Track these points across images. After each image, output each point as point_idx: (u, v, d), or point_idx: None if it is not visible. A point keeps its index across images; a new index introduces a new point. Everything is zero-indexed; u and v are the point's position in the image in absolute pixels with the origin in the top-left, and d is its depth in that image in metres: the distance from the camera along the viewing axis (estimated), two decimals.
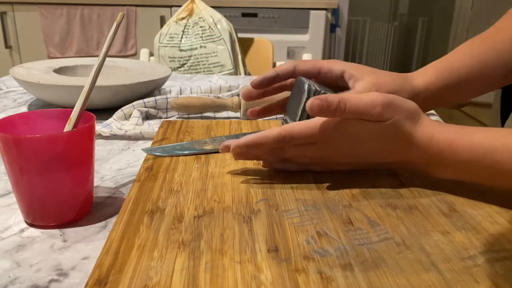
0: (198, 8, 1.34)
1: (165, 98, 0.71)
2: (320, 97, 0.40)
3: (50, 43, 2.43)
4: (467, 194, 0.43)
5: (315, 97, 0.41)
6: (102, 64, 0.42)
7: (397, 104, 0.41)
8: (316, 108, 0.40)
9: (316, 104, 0.40)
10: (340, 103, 0.40)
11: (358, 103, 0.40)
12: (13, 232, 0.39)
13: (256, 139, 0.43)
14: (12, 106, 0.79)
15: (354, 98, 0.41)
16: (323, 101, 0.40)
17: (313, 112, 0.40)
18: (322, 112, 0.40)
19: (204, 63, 1.31)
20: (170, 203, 0.40)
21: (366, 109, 0.40)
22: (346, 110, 0.40)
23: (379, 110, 0.40)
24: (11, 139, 0.36)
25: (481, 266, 0.32)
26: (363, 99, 0.41)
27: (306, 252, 0.33)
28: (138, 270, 0.30)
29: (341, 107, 0.40)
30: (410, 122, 0.41)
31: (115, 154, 0.57)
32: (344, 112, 0.40)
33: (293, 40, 2.36)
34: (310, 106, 0.40)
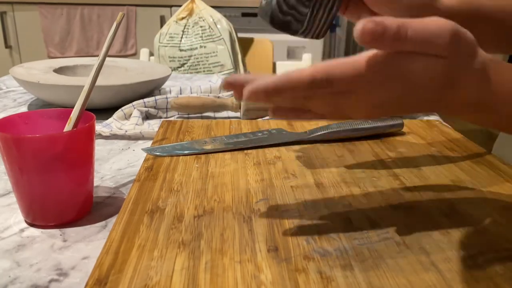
0: (198, 8, 1.34)
1: (165, 98, 0.71)
2: (374, 19, 0.30)
3: (50, 43, 2.43)
4: (467, 194, 0.43)
5: (368, 19, 0.30)
6: (102, 64, 0.42)
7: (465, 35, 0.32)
8: (368, 35, 0.29)
9: (369, 29, 0.29)
10: (401, 29, 0.30)
11: (422, 29, 0.31)
12: (13, 232, 0.39)
13: (281, 84, 0.31)
14: (12, 106, 0.79)
15: (417, 23, 0.31)
16: (379, 25, 0.29)
17: (363, 39, 0.30)
18: (376, 41, 0.30)
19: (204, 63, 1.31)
20: (170, 203, 0.40)
21: (432, 37, 0.31)
22: (407, 37, 0.30)
23: (447, 39, 0.31)
24: (11, 139, 0.36)
25: (481, 266, 0.32)
26: (428, 24, 0.31)
27: (306, 252, 0.33)
28: (138, 270, 0.30)
29: (402, 34, 0.30)
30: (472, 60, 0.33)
31: (115, 154, 0.57)
32: (406, 40, 0.30)
33: (293, 40, 2.36)
34: (360, 31, 0.29)
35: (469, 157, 0.52)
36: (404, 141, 0.57)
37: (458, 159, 0.51)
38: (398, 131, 0.60)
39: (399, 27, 0.30)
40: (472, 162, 0.50)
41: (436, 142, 0.57)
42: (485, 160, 0.51)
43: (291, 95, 0.33)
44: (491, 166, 0.49)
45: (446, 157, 0.52)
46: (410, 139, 0.58)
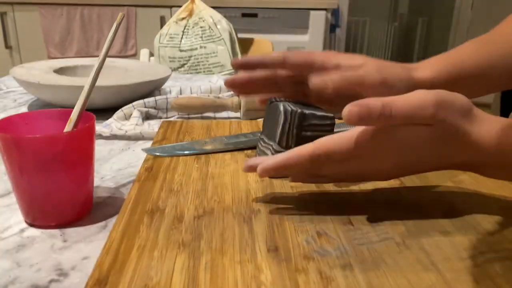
0: (198, 8, 1.34)
1: (165, 98, 0.71)
2: (359, 102, 0.33)
3: (50, 43, 2.43)
4: (467, 194, 0.43)
5: (352, 104, 0.33)
6: (102, 64, 0.42)
7: (451, 101, 0.35)
8: (354, 117, 0.33)
9: (355, 112, 0.33)
10: (385, 108, 0.33)
11: (405, 105, 0.34)
12: (13, 232, 0.39)
13: (286, 161, 0.37)
14: (12, 106, 0.79)
15: (400, 100, 0.34)
16: (363, 107, 0.33)
17: (351, 122, 0.33)
18: (363, 121, 0.34)
19: (204, 63, 1.31)
20: (170, 203, 0.40)
21: (416, 111, 0.34)
22: (392, 115, 0.34)
23: (432, 110, 0.34)
24: (11, 139, 0.36)
25: (481, 266, 0.32)
26: (410, 99, 0.34)
27: (306, 252, 0.33)
28: (138, 270, 0.30)
29: (386, 113, 0.33)
30: (465, 120, 0.35)
31: (115, 154, 0.57)
32: (390, 118, 0.34)
33: (293, 40, 2.36)
34: (347, 114, 0.33)
35: None
36: None
37: None
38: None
39: (383, 106, 0.33)
40: None
41: None
42: None
43: (299, 168, 0.37)
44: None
45: None
46: None
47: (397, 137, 0.35)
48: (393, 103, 0.34)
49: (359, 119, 0.33)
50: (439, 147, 0.36)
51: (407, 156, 0.36)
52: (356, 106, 0.33)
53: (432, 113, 0.34)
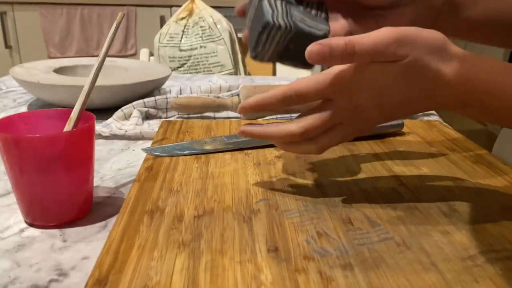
0: (198, 8, 1.34)
1: (165, 98, 0.71)
2: (321, 42, 0.34)
3: (50, 43, 2.43)
4: (467, 194, 0.43)
5: (314, 43, 0.34)
6: (102, 64, 0.42)
7: (413, 37, 0.34)
8: (316, 56, 0.33)
9: (316, 51, 0.33)
10: (347, 46, 0.33)
11: (368, 42, 0.34)
12: (13, 232, 0.39)
13: (261, 100, 0.39)
14: (12, 106, 0.79)
15: (363, 38, 0.34)
16: (325, 46, 0.33)
17: (314, 61, 0.34)
18: (325, 60, 0.34)
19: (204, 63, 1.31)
20: (170, 203, 0.40)
21: (378, 48, 0.34)
22: (356, 53, 0.34)
23: (394, 47, 0.34)
24: (11, 139, 0.36)
25: (481, 266, 0.32)
26: (372, 36, 0.34)
27: (306, 252, 0.33)
28: (138, 270, 0.30)
29: (349, 50, 0.33)
30: (435, 58, 0.34)
31: (115, 154, 0.57)
32: (354, 56, 0.34)
33: None
34: (308, 53, 0.34)
35: (469, 157, 0.52)
36: (404, 141, 0.57)
37: (458, 159, 0.51)
38: (398, 131, 0.60)
39: (346, 44, 0.34)
40: (472, 162, 0.50)
41: (436, 142, 0.57)
42: (485, 160, 0.51)
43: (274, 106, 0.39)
44: (491, 166, 0.49)
45: (446, 157, 0.52)
46: (410, 139, 0.58)
47: (366, 76, 0.35)
48: (356, 41, 0.34)
49: (321, 57, 0.34)
50: (409, 84, 0.35)
51: (381, 97, 0.36)
52: (318, 45, 0.34)
53: (393, 50, 0.34)
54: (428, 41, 0.35)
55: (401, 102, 0.36)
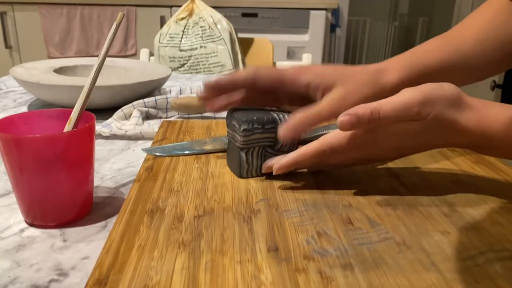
0: (198, 8, 1.34)
1: (165, 98, 0.71)
2: (349, 112, 0.38)
3: (50, 43, 2.43)
4: (467, 194, 0.43)
5: (343, 113, 0.38)
6: (102, 64, 0.42)
7: (436, 97, 0.39)
8: (347, 126, 0.38)
9: (347, 122, 0.38)
10: (373, 114, 0.38)
11: (392, 108, 0.38)
12: (13, 232, 0.39)
13: (296, 158, 0.42)
14: (12, 106, 0.79)
15: (387, 104, 0.38)
16: (353, 117, 0.38)
17: (345, 130, 0.39)
18: (355, 127, 0.39)
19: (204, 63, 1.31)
20: (170, 203, 0.40)
21: (401, 112, 0.38)
22: (381, 118, 0.38)
23: (417, 110, 0.38)
24: (11, 139, 0.36)
25: (481, 266, 0.32)
26: (396, 102, 0.38)
27: (306, 252, 0.33)
28: (138, 270, 0.30)
29: (374, 117, 0.38)
30: (453, 110, 0.39)
31: (115, 154, 0.57)
32: (379, 121, 0.38)
33: (293, 40, 2.36)
34: (340, 125, 0.38)
35: (469, 157, 0.52)
36: None
37: (458, 159, 0.51)
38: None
39: (372, 113, 0.38)
40: (472, 162, 0.50)
41: None
42: (485, 160, 0.51)
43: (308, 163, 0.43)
44: (491, 166, 0.49)
45: (446, 157, 0.52)
46: None
47: (391, 131, 0.40)
48: (380, 108, 0.38)
49: (351, 127, 0.38)
50: (431, 135, 0.40)
51: (404, 142, 0.41)
52: (347, 116, 0.38)
53: (417, 111, 0.38)
54: (447, 97, 0.39)
55: (419, 147, 0.42)
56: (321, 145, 0.41)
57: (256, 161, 0.45)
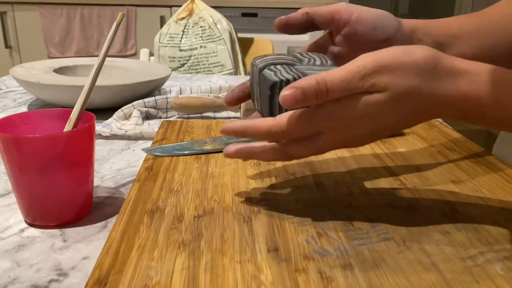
0: (198, 8, 1.34)
1: (165, 98, 0.71)
2: (293, 85, 0.32)
3: (50, 43, 2.43)
4: (467, 194, 0.43)
5: (285, 88, 0.32)
6: (102, 64, 0.42)
7: (397, 63, 0.32)
8: (291, 101, 0.32)
9: (290, 96, 0.32)
10: (319, 85, 0.32)
11: (341, 79, 0.32)
12: (13, 232, 0.39)
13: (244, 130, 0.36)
14: (12, 106, 0.78)
15: (335, 74, 0.32)
16: (297, 90, 0.32)
17: (289, 106, 0.32)
18: (301, 103, 0.32)
19: (204, 63, 1.31)
20: (170, 203, 0.40)
21: (352, 82, 0.32)
22: (328, 89, 0.32)
23: (371, 80, 0.32)
24: (11, 139, 0.36)
25: (481, 266, 0.32)
26: (346, 70, 0.32)
27: (306, 252, 0.33)
28: (138, 270, 0.30)
29: (322, 89, 0.32)
30: (425, 79, 0.32)
31: (115, 154, 0.57)
32: (327, 94, 0.32)
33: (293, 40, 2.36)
34: (282, 100, 0.32)
35: (469, 157, 0.52)
36: (404, 141, 0.57)
37: (458, 159, 0.51)
38: (398, 132, 0.60)
39: (318, 83, 0.32)
40: (472, 162, 0.50)
41: (436, 142, 0.57)
42: (485, 160, 0.51)
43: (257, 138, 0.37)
44: (491, 166, 0.49)
45: (446, 157, 0.52)
46: (410, 139, 0.58)
47: (349, 108, 0.33)
48: (327, 78, 0.32)
49: (296, 102, 0.32)
50: (403, 110, 0.33)
51: (374, 123, 0.34)
52: (290, 89, 0.32)
53: (372, 83, 0.32)
54: (413, 64, 0.32)
55: (395, 125, 0.35)
56: (273, 125, 0.35)
57: (285, 71, 0.37)
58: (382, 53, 0.33)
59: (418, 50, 0.33)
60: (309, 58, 0.41)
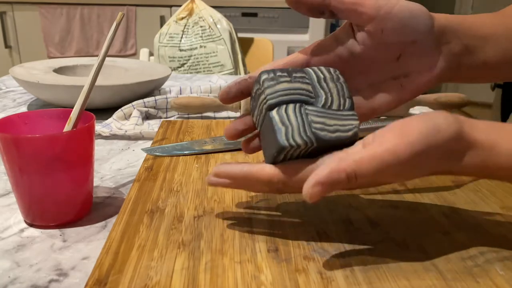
0: (198, 8, 1.34)
1: (165, 98, 0.71)
2: (322, 181, 0.29)
3: (50, 43, 2.43)
4: (468, 194, 0.43)
5: (312, 183, 0.29)
6: (102, 64, 0.42)
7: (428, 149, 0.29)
8: (319, 198, 0.29)
9: (318, 194, 0.29)
10: (349, 180, 0.29)
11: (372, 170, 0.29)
12: (13, 232, 0.39)
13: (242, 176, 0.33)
14: (11, 106, 0.78)
15: (366, 163, 0.29)
16: (325, 187, 0.29)
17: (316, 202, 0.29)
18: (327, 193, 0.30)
19: (204, 63, 1.31)
20: (170, 203, 0.40)
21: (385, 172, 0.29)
22: (358, 180, 0.29)
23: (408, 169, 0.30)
24: (10, 139, 0.36)
25: (481, 266, 0.32)
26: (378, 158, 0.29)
27: (306, 252, 0.33)
28: (138, 270, 0.30)
29: (351, 182, 0.29)
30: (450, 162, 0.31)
31: (115, 154, 0.57)
32: (357, 183, 0.30)
33: (293, 40, 2.36)
34: (309, 198, 0.29)
35: None
36: None
37: None
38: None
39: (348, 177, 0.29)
40: None
41: None
42: None
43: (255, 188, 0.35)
44: None
45: None
46: None
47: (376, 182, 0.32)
48: (359, 171, 0.29)
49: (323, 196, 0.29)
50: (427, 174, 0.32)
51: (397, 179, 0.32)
52: (318, 187, 0.29)
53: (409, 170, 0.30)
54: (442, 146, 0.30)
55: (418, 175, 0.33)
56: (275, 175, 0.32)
57: (295, 120, 0.32)
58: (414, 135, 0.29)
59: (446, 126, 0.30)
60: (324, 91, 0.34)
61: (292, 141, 0.31)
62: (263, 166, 0.33)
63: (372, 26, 0.35)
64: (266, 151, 0.35)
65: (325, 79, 0.35)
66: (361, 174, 0.29)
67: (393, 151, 0.29)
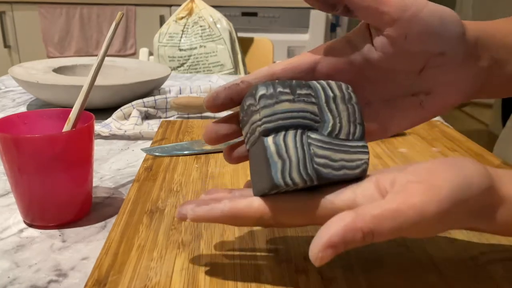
0: (197, 8, 1.34)
1: (165, 98, 0.71)
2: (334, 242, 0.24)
3: (49, 43, 2.43)
4: None
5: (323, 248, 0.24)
6: (101, 64, 0.42)
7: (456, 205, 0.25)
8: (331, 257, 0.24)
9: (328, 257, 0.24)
10: (365, 238, 0.25)
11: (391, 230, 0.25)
12: (12, 232, 0.39)
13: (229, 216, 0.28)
14: (11, 105, 0.78)
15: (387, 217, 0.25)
16: (338, 248, 0.24)
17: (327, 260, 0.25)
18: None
19: (203, 62, 1.31)
20: (169, 203, 0.40)
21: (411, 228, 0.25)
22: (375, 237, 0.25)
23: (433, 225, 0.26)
24: (10, 139, 0.36)
25: (482, 266, 0.32)
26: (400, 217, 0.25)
27: (306, 252, 0.33)
28: (137, 270, 0.30)
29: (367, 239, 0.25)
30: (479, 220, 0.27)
31: (114, 154, 0.57)
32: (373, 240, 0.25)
33: (293, 39, 2.36)
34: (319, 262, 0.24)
35: (470, 157, 0.52)
36: (405, 141, 0.57)
37: None
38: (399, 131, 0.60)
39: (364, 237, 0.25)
40: None
41: (437, 142, 0.57)
42: (486, 160, 0.51)
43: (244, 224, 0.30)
44: (492, 166, 0.49)
45: (447, 157, 0.52)
46: (411, 139, 0.58)
47: None
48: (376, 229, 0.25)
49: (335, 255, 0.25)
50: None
51: None
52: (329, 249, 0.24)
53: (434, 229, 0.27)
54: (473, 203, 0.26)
55: None
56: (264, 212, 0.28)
57: (295, 152, 0.27)
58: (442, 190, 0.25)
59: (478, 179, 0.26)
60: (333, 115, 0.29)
61: (288, 180, 0.27)
62: (251, 201, 0.28)
63: (394, 30, 0.29)
64: (255, 179, 0.30)
65: (335, 99, 0.29)
66: (379, 233, 0.25)
67: (420, 210, 0.25)
